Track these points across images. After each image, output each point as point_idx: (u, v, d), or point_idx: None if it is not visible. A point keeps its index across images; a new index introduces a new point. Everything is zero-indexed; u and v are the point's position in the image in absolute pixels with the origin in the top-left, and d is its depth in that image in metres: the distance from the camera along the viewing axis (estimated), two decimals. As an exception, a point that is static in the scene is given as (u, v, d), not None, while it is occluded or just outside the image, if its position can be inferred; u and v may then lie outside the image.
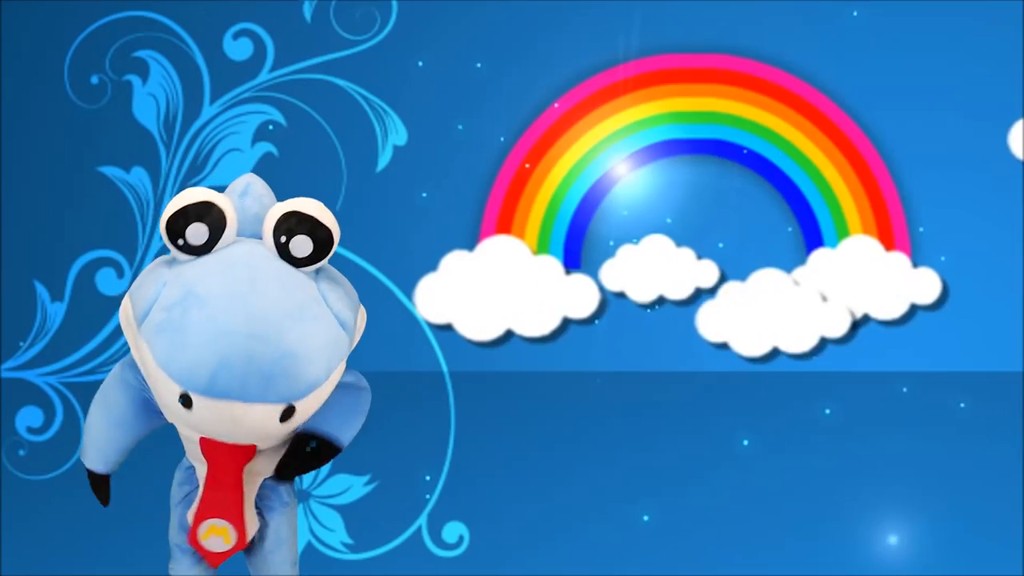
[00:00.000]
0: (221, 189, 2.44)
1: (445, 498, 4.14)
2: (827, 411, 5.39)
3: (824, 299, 5.74)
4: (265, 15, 5.18)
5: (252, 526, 2.58)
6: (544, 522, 4.19)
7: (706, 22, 5.82)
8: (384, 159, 5.41)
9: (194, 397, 2.23)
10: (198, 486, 2.56)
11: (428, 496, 4.16)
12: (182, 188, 4.79)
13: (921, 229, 5.88)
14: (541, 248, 5.88)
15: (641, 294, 5.91)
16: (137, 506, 3.08)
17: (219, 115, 4.87)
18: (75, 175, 5.71)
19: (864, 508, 4.30)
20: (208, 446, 2.40)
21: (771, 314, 5.83)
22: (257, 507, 2.60)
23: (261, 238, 2.37)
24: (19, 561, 3.85)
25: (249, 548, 2.64)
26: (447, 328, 5.79)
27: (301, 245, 2.30)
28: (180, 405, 2.27)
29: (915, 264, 5.87)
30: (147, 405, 2.50)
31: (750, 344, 5.89)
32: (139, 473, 2.94)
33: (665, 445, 5.03)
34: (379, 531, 4.00)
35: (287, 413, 2.28)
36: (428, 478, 4.25)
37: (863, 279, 5.83)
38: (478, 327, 5.81)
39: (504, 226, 5.86)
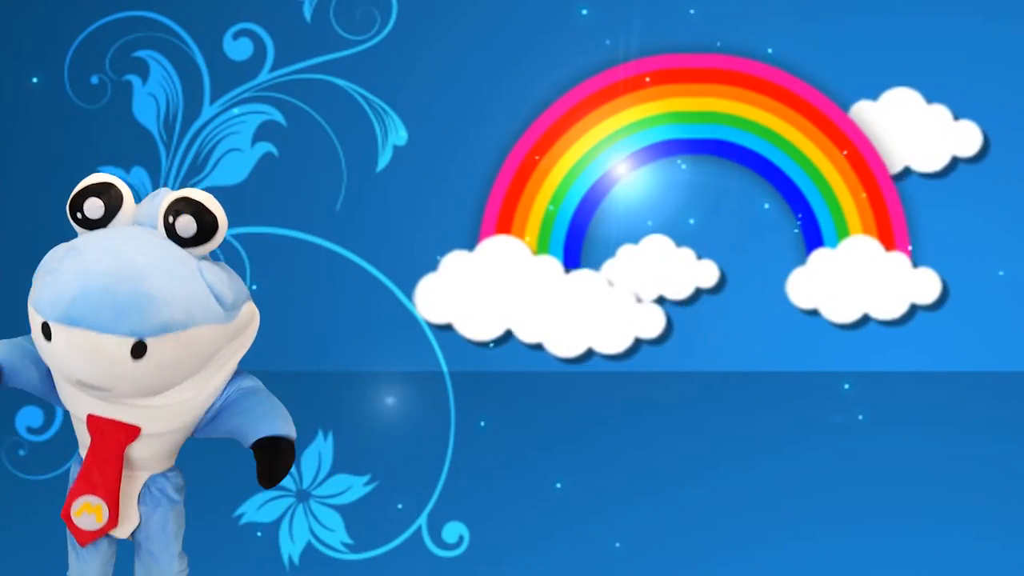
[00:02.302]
0: (221, 189, 2.49)
1: (445, 498, 4.14)
2: (827, 411, 5.40)
3: (639, 300, 5.74)
4: (265, 15, 5.18)
5: (130, 518, 2.64)
6: (544, 522, 4.19)
7: (706, 22, 5.82)
8: (384, 159, 5.41)
9: (52, 326, 2.36)
10: None
11: (428, 496, 4.16)
12: (182, 188, 4.80)
13: (921, 229, 5.89)
14: (541, 248, 5.88)
15: (641, 294, 5.91)
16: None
17: (219, 115, 4.87)
18: (75, 175, 5.70)
19: (864, 508, 4.30)
20: (93, 423, 2.51)
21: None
22: (143, 503, 2.65)
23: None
24: (19, 561, 3.85)
25: (137, 545, 2.70)
26: (447, 328, 5.79)
27: (186, 225, 2.41)
28: (43, 339, 2.39)
29: (915, 264, 5.87)
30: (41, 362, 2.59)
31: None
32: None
33: (665, 445, 5.03)
34: (379, 531, 4.00)
35: (137, 349, 2.35)
36: (428, 479, 4.26)
37: (863, 279, 5.83)
38: (478, 327, 5.81)
39: (504, 226, 5.86)
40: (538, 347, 5.77)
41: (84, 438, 2.60)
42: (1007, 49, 5.78)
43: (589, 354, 5.83)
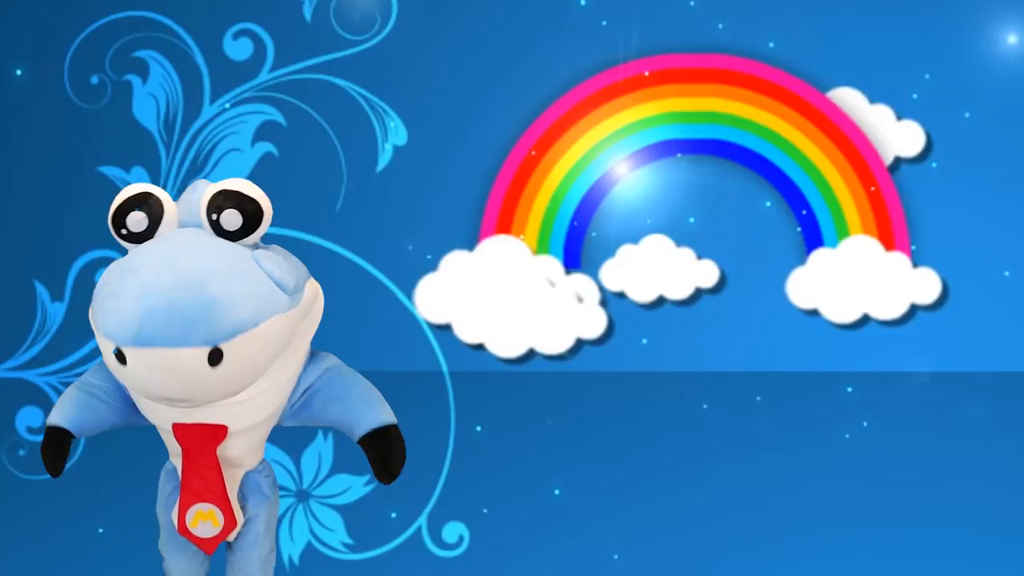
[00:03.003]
0: None
1: (445, 498, 4.13)
2: (828, 411, 5.40)
3: (580, 300, 5.73)
4: (265, 15, 5.17)
5: (239, 513, 2.61)
6: (544, 522, 4.19)
7: (706, 22, 5.82)
8: (384, 159, 5.41)
9: (125, 351, 2.32)
10: (180, 480, 2.60)
11: (428, 496, 4.16)
12: (182, 188, 4.80)
13: (921, 229, 5.89)
14: (541, 248, 5.87)
15: (641, 294, 5.91)
16: (136, 506, 3.08)
17: (219, 115, 4.87)
18: (75, 175, 5.71)
19: (864, 508, 4.30)
20: (180, 430, 2.49)
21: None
22: (243, 502, 2.64)
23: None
24: (19, 561, 3.85)
25: (228, 544, 2.68)
26: (447, 328, 5.79)
27: (231, 219, 2.40)
28: (118, 363, 2.36)
29: (915, 264, 5.87)
30: (122, 391, 2.58)
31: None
32: (138, 473, 2.94)
33: (665, 445, 5.03)
34: (379, 531, 4.00)
35: (214, 356, 2.33)
36: (429, 480, 4.25)
37: (863, 279, 5.83)
38: (478, 327, 5.81)
39: (504, 226, 5.86)
40: (480, 347, 5.72)
41: (173, 447, 2.57)
42: (1008, 47, 5.78)
43: (531, 354, 5.79)
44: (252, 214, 2.42)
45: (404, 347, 5.77)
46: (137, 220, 2.40)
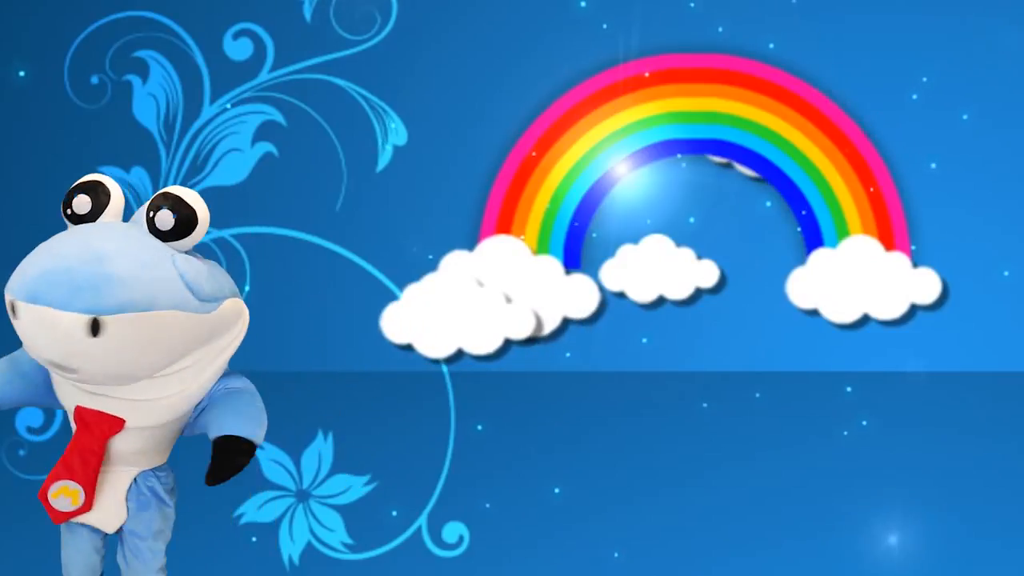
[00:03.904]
0: (222, 189, 2.53)
1: (445, 498, 4.13)
2: (827, 411, 5.40)
3: (508, 300, 5.71)
4: (265, 15, 5.17)
5: (118, 512, 2.68)
6: (544, 522, 4.19)
7: (706, 22, 5.82)
8: (384, 159, 5.41)
9: (17, 304, 2.44)
10: None
11: (428, 496, 4.16)
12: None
13: (921, 229, 5.89)
14: (541, 248, 5.87)
15: (641, 294, 5.91)
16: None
17: (219, 115, 4.87)
18: (75, 175, 5.70)
19: (864, 508, 4.30)
20: (79, 413, 2.57)
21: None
22: (131, 499, 2.68)
23: None
24: (19, 561, 3.85)
25: (121, 540, 2.73)
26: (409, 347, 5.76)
27: (164, 218, 2.49)
28: (13, 318, 2.46)
29: (915, 264, 5.87)
30: (46, 370, 2.64)
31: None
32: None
33: (665, 445, 5.03)
34: (379, 531, 4.00)
35: (94, 326, 2.40)
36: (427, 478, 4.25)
37: (863, 279, 5.83)
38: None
39: (504, 226, 5.86)
40: (408, 347, 5.69)
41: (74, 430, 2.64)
42: (1007, 48, 5.79)
43: (459, 354, 5.77)
44: (185, 219, 2.48)
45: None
46: (81, 203, 2.53)
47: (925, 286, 5.85)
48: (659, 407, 5.51)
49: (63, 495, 2.63)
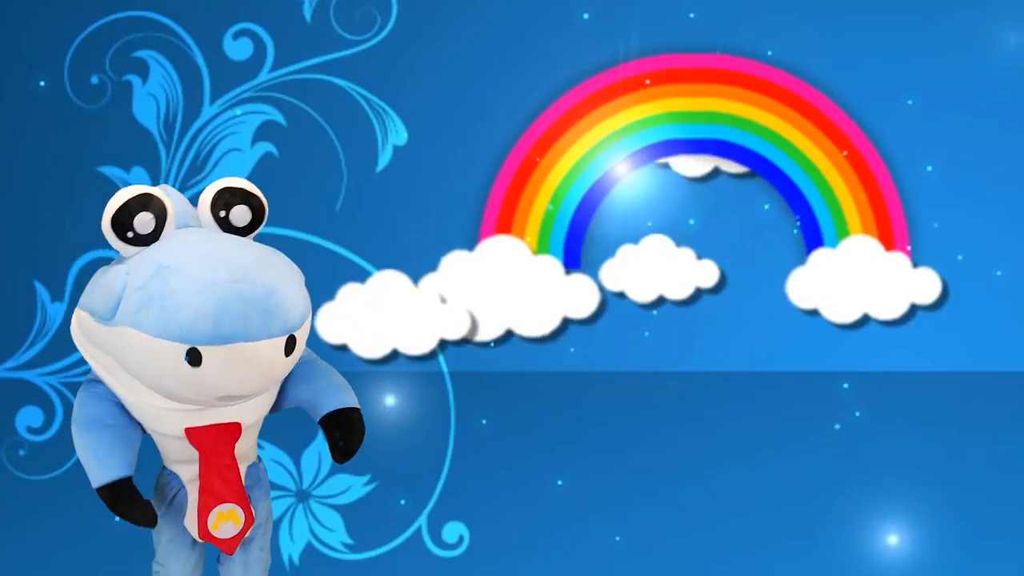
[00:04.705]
0: None
1: (445, 498, 4.13)
2: (828, 411, 5.40)
3: (443, 300, 5.70)
4: (265, 15, 5.18)
5: (253, 509, 2.59)
6: (544, 522, 4.19)
7: (706, 22, 5.82)
8: (384, 159, 5.41)
9: (202, 349, 2.23)
10: (183, 487, 2.54)
11: (428, 496, 4.16)
12: (182, 188, 4.80)
13: (921, 229, 5.89)
14: (541, 248, 5.88)
15: (641, 294, 5.91)
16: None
17: (219, 115, 4.87)
18: (75, 175, 5.71)
19: (864, 508, 4.30)
20: (195, 434, 2.43)
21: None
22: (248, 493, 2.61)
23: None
24: (19, 561, 3.85)
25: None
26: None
27: (241, 214, 2.42)
28: (187, 366, 2.25)
29: (915, 264, 5.87)
30: (122, 409, 2.49)
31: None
32: (138, 473, 2.94)
33: (665, 445, 5.03)
34: (379, 531, 4.00)
35: (289, 345, 2.33)
36: (424, 484, 4.25)
37: (863, 279, 5.83)
38: (478, 327, 5.80)
39: (504, 226, 5.86)
40: (343, 348, 5.67)
41: (183, 454, 2.49)
42: (1008, 49, 5.79)
43: (394, 355, 5.75)
44: (258, 209, 2.43)
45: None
46: (145, 222, 2.31)
47: (925, 286, 5.85)
48: (659, 407, 5.51)
49: (222, 522, 2.51)
